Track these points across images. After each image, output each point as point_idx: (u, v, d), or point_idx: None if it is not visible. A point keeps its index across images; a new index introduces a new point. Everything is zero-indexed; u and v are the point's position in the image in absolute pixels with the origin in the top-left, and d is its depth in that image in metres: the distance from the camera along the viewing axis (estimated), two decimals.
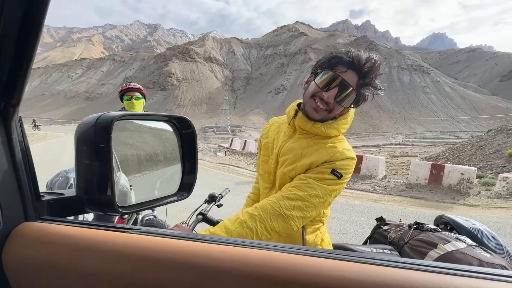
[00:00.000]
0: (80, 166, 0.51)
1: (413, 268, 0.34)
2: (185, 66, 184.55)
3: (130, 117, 0.72)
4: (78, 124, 0.54)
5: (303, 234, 0.95)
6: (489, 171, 9.67)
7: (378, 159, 7.91)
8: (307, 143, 0.94)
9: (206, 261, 0.39)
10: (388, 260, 0.36)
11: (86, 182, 0.52)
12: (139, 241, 0.45)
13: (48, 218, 0.53)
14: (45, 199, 0.54)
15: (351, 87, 0.86)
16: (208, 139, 38.50)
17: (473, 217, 1.87)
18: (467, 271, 0.32)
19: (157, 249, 0.42)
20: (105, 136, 0.51)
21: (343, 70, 0.86)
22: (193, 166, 0.79)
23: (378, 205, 5.38)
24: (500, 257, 0.89)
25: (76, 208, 0.57)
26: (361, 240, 1.45)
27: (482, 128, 69.11)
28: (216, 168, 9.80)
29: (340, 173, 0.87)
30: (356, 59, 0.85)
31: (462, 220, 1.11)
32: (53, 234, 0.49)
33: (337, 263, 0.37)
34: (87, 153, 0.50)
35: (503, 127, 14.43)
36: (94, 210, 0.56)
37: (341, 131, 0.95)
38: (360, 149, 35.47)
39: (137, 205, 0.71)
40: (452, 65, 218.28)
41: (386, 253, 1.06)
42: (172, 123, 0.79)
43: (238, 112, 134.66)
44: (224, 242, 0.45)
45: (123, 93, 2.48)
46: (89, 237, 0.47)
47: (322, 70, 0.90)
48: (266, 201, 0.87)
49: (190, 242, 0.44)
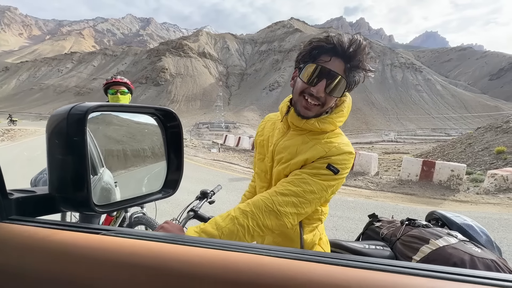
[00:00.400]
0: (52, 162, 0.48)
1: (408, 272, 0.33)
2: (179, 61, 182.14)
3: (107, 108, 0.65)
4: (50, 116, 0.49)
5: (301, 233, 0.93)
6: (478, 168, 9.91)
7: (371, 156, 8.01)
8: (302, 139, 0.91)
9: (185, 266, 0.36)
10: (384, 264, 0.35)
11: (59, 178, 0.48)
12: (113, 244, 0.42)
13: (17, 218, 0.48)
14: (14, 197, 0.49)
15: (339, 75, 0.82)
16: (202, 136, 38.28)
17: (462, 212, 1.91)
18: (460, 275, 0.32)
19: (132, 252, 0.39)
20: (79, 128, 0.47)
21: (327, 59, 0.82)
22: (179, 162, 0.75)
23: (370, 201, 5.45)
24: (490, 252, 0.90)
25: (49, 207, 0.52)
26: (354, 236, 1.45)
27: (472, 126, 70.64)
28: (210, 164, 9.75)
29: (336, 168, 0.84)
30: (338, 44, 0.81)
31: (453, 216, 1.12)
32: (22, 236, 0.44)
33: (330, 268, 0.35)
34: (60, 147, 0.47)
35: (491, 125, 14.77)
36: (68, 209, 0.53)
37: (337, 124, 0.90)
38: (353, 145, 35.78)
39: (118, 203, 0.67)
40: (444, 64, 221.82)
41: (378, 249, 1.06)
42: (156, 116, 0.75)
43: (233, 108, 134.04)
44: (205, 244, 0.42)
45: (108, 86, 2.33)
46: (61, 239, 0.43)
47: (305, 63, 0.86)
48: (259, 196, 0.85)
49: (168, 244, 0.41)
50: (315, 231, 0.97)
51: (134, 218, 2.18)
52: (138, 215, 2.21)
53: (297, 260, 0.36)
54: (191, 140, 18.73)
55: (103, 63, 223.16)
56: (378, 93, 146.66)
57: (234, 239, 0.76)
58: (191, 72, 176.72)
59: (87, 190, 0.48)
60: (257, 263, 0.36)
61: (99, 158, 0.74)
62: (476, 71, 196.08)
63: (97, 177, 0.69)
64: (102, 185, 0.71)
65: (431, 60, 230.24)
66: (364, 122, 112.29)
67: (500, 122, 14.53)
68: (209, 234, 0.75)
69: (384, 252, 1.06)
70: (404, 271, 0.33)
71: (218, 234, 0.75)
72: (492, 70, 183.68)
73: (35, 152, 10.63)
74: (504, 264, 0.84)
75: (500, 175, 6.20)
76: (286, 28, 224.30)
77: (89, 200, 0.49)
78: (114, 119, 0.77)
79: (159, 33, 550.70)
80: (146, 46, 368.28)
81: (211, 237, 0.74)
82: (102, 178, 0.71)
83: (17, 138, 17.13)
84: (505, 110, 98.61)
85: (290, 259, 0.37)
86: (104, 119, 0.71)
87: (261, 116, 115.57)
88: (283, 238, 0.97)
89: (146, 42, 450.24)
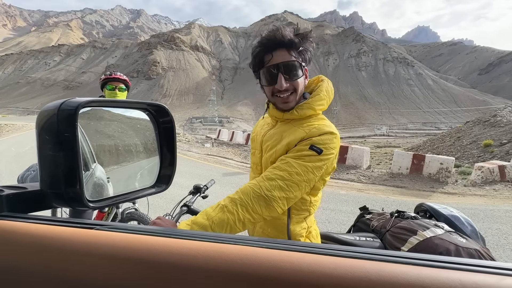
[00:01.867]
0: (43, 158, 0.48)
1: (395, 261, 0.34)
2: (171, 54, 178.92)
3: (98, 104, 0.65)
4: (40, 111, 0.49)
5: (288, 223, 0.94)
6: (466, 161, 10.19)
7: (363, 150, 8.11)
8: (287, 127, 0.95)
9: (179, 259, 0.37)
10: (371, 253, 0.36)
11: (51, 175, 0.48)
12: (107, 238, 0.42)
13: (8, 215, 0.48)
14: (4, 194, 0.49)
15: (288, 61, 0.88)
16: (196, 130, 37.99)
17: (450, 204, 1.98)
18: (444, 262, 0.33)
19: (126, 246, 0.40)
20: (70, 124, 0.47)
21: (269, 57, 0.89)
22: (172, 157, 0.75)
23: (362, 194, 5.55)
24: (475, 242, 0.93)
25: (41, 203, 0.52)
26: (346, 228, 1.48)
27: (461, 120, 72.18)
28: (204, 159, 9.71)
29: (319, 148, 0.84)
30: (266, 41, 0.89)
31: (441, 208, 1.15)
32: (12, 233, 0.44)
33: (318, 257, 0.36)
34: (51, 143, 0.47)
35: (479, 119, 15.15)
36: (61, 205, 0.53)
37: (316, 108, 0.93)
38: (346, 140, 36.21)
39: (110, 198, 0.67)
40: (435, 58, 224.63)
41: (368, 240, 1.09)
42: (148, 111, 0.74)
43: (226, 102, 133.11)
44: (198, 237, 0.43)
45: (106, 82, 2.29)
46: (53, 234, 0.43)
47: (258, 72, 0.93)
48: (247, 184, 0.86)
49: (162, 238, 0.42)
50: (303, 223, 0.98)
51: (127, 214, 2.17)
52: (130, 210, 2.20)
53: (287, 251, 0.37)
54: (184, 135, 18.58)
55: (92, 56, 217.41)
56: (370, 87, 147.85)
57: (225, 228, 0.76)
58: (183, 65, 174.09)
59: (79, 186, 0.48)
60: (248, 254, 0.37)
61: (91, 154, 0.74)
62: (466, 66, 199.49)
63: (89, 172, 0.69)
64: (94, 180, 0.70)
65: (423, 55, 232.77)
66: (356, 116, 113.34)
67: (488, 116, 14.90)
68: (200, 225, 0.75)
69: (374, 243, 1.09)
70: (390, 260, 0.34)
71: (209, 224, 0.75)
72: (482, 65, 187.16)
73: (23, 148, 10.38)
74: (487, 253, 0.88)
75: (486, 168, 6.39)
76: (279, 21, 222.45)
77: (82, 196, 0.49)
78: (106, 114, 0.76)
79: (150, 26, 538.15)
80: (136, 39, 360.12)
81: (203, 227, 0.74)
82: (94, 173, 0.71)
83: (3, 134, 16.66)
84: (493, 104, 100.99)
85: (280, 249, 0.38)
86: (95, 114, 0.71)
87: (254, 110, 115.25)
88: (273, 228, 0.99)
89: (136, 34, 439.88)
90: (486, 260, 0.84)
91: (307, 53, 0.92)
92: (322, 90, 0.96)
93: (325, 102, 0.95)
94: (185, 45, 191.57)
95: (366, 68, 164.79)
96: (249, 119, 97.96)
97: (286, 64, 0.88)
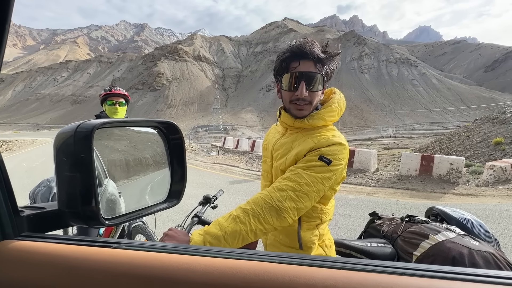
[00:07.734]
0: (61, 178, 0.49)
1: (408, 273, 0.33)
2: (175, 65, 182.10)
3: (112, 124, 0.68)
4: (57, 134, 0.51)
5: (299, 230, 0.94)
6: (477, 160, 9.96)
7: (370, 153, 8.03)
8: (296, 136, 0.97)
9: (194, 276, 0.37)
10: (384, 265, 0.35)
11: (68, 194, 0.50)
12: (125, 257, 0.42)
13: (29, 235, 0.50)
14: (25, 215, 0.51)
15: (311, 72, 0.91)
16: (201, 139, 38.23)
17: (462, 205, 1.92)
18: (458, 274, 0.32)
19: (143, 265, 0.40)
20: (86, 145, 0.49)
21: (296, 64, 0.92)
22: (182, 172, 0.77)
23: (371, 198, 5.47)
24: (488, 245, 0.92)
25: (59, 222, 0.54)
26: (356, 234, 1.47)
27: (469, 118, 70.90)
28: (210, 168, 9.75)
29: (328, 158, 0.86)
30: (297, 49, 0.92)
31: (452, 211, 1.14)
32: (34, 253, 0.45)
33: (331, 272, 0.35)
34: (68, 164, 0.48)
35: (488, 116, 14.85)
36: (78, 223, 0.55)
37: (327, 119, 0.95)
38: (352, 143, 35.90)
39: (125, 215, 0.68)
40: (438, 57, 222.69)
41: (380, 246, 1.08)
42: (158, 128, 0.77)
43: (230, 110, 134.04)
44: (212, 253, 0.43)
45: (106, 97, 2.32)
46: (73, 254, 0.44)
47: (281, 76, 0.96)
48: (258, 194, 0.87)
49: (177, 255, 0.42)
50: (314, 230, 0.98)
51: (133, 228, 2.19)
52: (137, 224, 2.22)
53: (300, 266, 0.38)
54: (190, 144, 18.72)
55: (98, 71, 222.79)
56: (374, 89, 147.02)
57: (238, 238, 0.78)
58: (187, 76, 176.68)
59: (95, 204, 0.49)
60: (263, 270, 0.37)
61: (103, 169, 0.76)
62: (471, 64, 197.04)
63: (101, 188, 0.71)
64: (107, 196, 0.72)
65: (426, 55, 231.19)
66: (362, 119, 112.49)
67: (496, 113, 14.61)
68: (213, 235, 0.76)
69: (386, 249, 1.08)
70: (403, 272, 0.34)
71: (222, 234, 0.76)
72: (487, 62, 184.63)
73: (33, 163, 10.60)
74: (502, 256, 0.86)
75: (499, 167, 6.24)
76: (280, 28, 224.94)
77: (98, 214, 0.50)
78: (115, 129, 0.78)
79: (153, 38, 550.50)
80: (141, 52, 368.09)
81: (216, 237, 0.76)
82: (107, 189, 0.73)
83: (15, 150, 17.07)
84: (501, 101, 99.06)
85: (294, 264, 0.38)
86: (104, 131, 0.72)
87: (259, 117, 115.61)
88: (284, 235, 0.99)
89: (141, 48, 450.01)
90: (501, 271, 0.83)
91: (330, 70, 0.96)
92: (334, 102, 0.99)
93: (336, 114, 0.97)
94: (188, 56, 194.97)
95: (369, 70, 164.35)
96: (254, 126, 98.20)
97: (311, 74, 0.91)
